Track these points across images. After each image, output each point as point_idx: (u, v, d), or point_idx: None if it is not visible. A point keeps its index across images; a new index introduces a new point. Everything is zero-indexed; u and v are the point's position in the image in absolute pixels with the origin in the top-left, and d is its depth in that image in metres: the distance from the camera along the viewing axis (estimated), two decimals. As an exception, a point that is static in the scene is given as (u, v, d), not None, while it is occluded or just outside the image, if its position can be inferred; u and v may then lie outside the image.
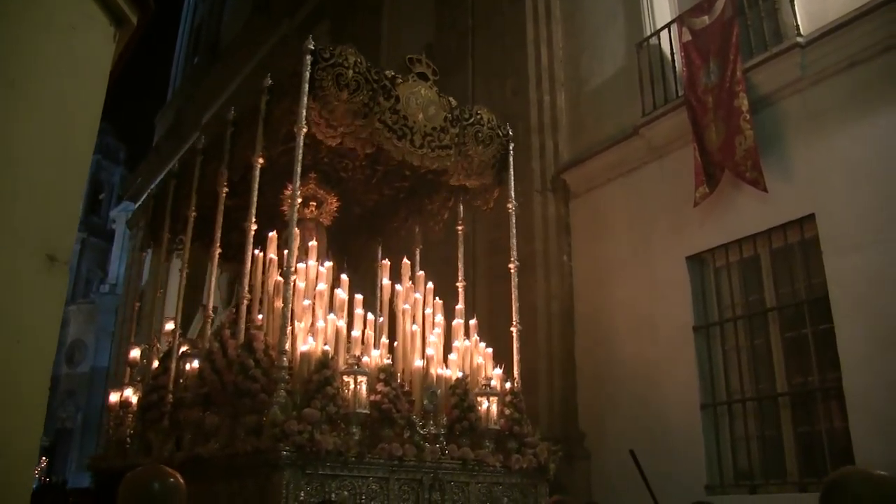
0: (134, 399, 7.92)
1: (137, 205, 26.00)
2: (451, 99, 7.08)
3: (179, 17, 28.19)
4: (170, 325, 8.13)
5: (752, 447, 7.21)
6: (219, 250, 7.15)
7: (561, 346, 8.92)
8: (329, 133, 6.52)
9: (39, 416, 2.08)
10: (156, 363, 7.68)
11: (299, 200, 6.21)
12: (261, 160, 6.49)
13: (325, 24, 15.89)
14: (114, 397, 8.39)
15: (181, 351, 7.22)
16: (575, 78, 9.97)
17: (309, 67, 6.12)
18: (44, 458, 34.50)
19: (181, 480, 2.26)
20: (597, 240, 9.04)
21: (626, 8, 9.41)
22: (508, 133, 7.53)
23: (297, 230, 6.07)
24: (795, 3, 7.20)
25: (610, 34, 9.56)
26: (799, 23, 7.12)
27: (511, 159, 7.52)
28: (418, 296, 7.18)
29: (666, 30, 8.57)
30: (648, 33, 8.89)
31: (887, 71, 6.45)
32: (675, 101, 8.22)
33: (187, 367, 6.85)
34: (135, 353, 8.57)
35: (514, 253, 7.44)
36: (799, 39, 7.02)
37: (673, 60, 8.45)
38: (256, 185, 6.46)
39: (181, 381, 6.91)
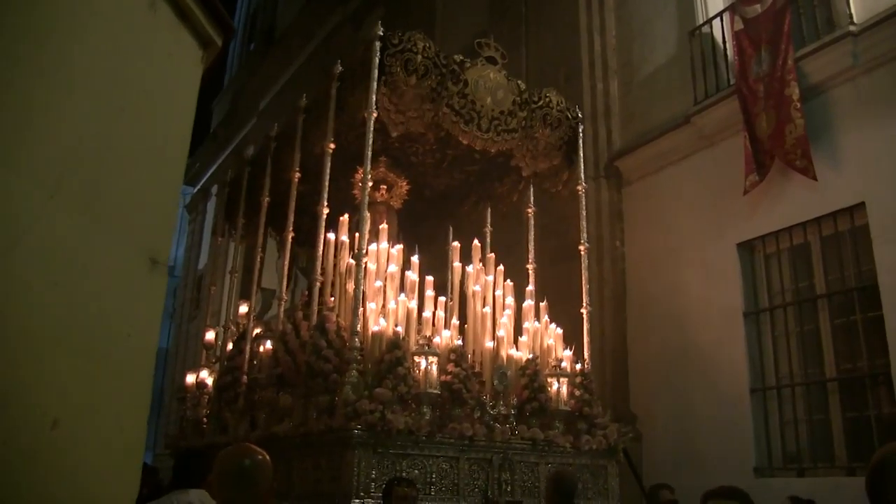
0: (209, 380, 8.22)
1: (196, 189, 26.57)
2: (519, 82, 7.16)
3: (235, 3, 28.60)
4: (244, 308, 8.44)
5: (801, 431, 7.33)
6: (291, 234, 7.38)
7: (613, 331, 9.09)
8: (397, 119, 6.63)
9: (146, 400, 2.35)
10: (230, 345, 7.98)
11: (370, 184, 6.37)
12: (332, 145, 6.66)
13: (378, 11, 16.13)
14: (190, 378, 8.73)
15: (255, 333, 7.47)
16: (627, 65, 10.07)
17: (378, 54, 6.24)
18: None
19: (268, 457, 2.55)
20: (649, 226, 9.17)
21: (678, -4, 9.48)
22: (578, 116, 7.62)
23: (367, 213, 6.22)
24: (849, -9, 7.24)
25: (662, 22, 9.64)
26: (852, 11, 7.16)
27: (581, 142, 7.62)
28: (489, 278, 7.28)
29: (718, 18, 8.65)
30: (700, 21, 8.96)
31: (939, 61, 6.49)
32: (726, 89, 8.30)
33: (261, 348, 7.08)
34: (210, 336, 8.91)
35: (584, 235, 7.58)
36: (851, 28, 7.06)
37: (725, 49, 8.53)
38: (328, 170, 6.63)
39: (255, 362, 7.14)
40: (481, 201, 8.82)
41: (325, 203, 6.64)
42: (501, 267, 7.53)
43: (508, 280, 7.49)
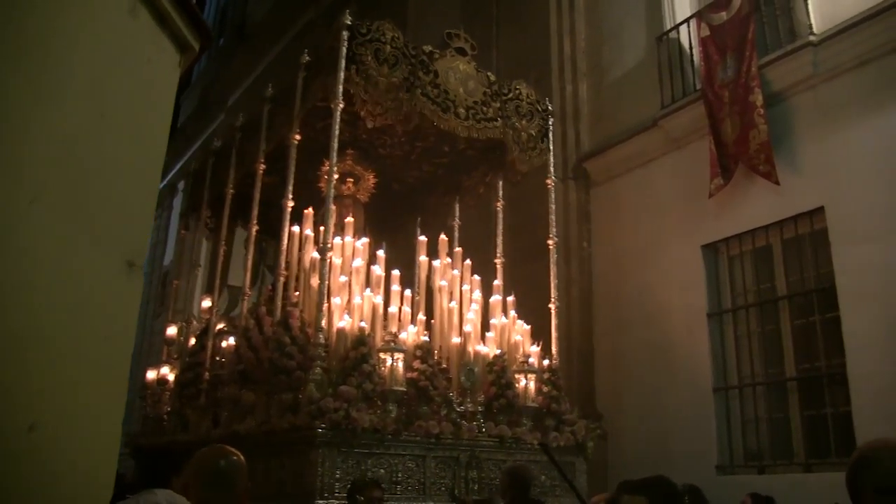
0: (171, 377, 8.07)
1: (163, 184, 26.36)
2: (489, 74, 7.09)
3: (206, -1, 28.37)
4: (207, 302, 8.27)
5: (762, 429, 7.52)
6: (255, 227, 7.25)
7: (580, 330, 9.23)
8: (375, 110, 6.42)
9: (122, 401, 2.38)
10: (192, 340, 7.84)
11: (336, 177, 6.24)
12: (297, 136, 6.56)
13: (351, 8, 16.15)
14: (151, 374, 8.52)
15: (218, 328, 7.37)
16: (597, 68, 10.21)
17: (345, 43, 6.10)
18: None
19: (242, 458, 2.62)
20: (616, 227, 9.31)
21: (647, 1, 9.62)
22: (548, 108, 7.57)
23: (333, 206, 6.11)
24: (809, 2, 7.43)
25: (631, 26, 9.78)
26: (812, 21, 7.35)
27: (551, 135, 7.58)
28: (456, 272, 7.20)
29: (685, 24, 8.81)
30: (668, 27, 9.11)
31: (895, 71, 6.69)
32: (692, 94, 8.46)
33: (223, 344, 6.98)
34: (172, 331, 8.69)
35: (552, 229, 7.58)
36: (812, 38, 7.25)
37: (692, 54, 8.69)
38: (293, 162, 6.51)
39: (217, 358, 7.03)
40: (448, 194, 8.73)
41: (291, 196, 6.54)
42: (469, 262, 7.46)
43: (476, 275, 7.43)
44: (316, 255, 6.33)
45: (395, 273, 6.78)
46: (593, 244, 9.61)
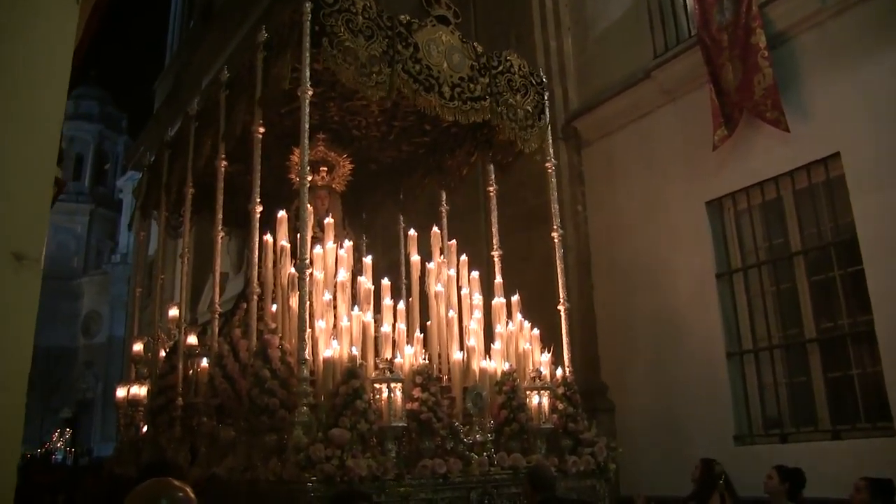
0: (142, 392, 7.41)
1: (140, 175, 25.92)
2: (476, 45, 6.31)
3: (172, -21, 27.73)
4: (174, 311, 7.46)
5: (781, 395, 7.06)
6: (221, 235, 6.50)
7: (579, 299, 8.70)
8: (363, 80, 5.45)
9: (20, 409, 2.03)
10: (162, 353, 7.17)
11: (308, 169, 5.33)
12: (261, 129, 5.77)
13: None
14: (121, 392, 7.86)
15: (188, 344, 6.68)
16: (581, 22, 9.66)
17: (309, 16, 5.26)
18: (68, 429, 34.90)
19: (191, 494, 2.08)
20: (612, 188, 8.82)
21: (632, -55, 9.05)
22: (542, 80, 6.77)
23: (309, 207, 5.26)
24: (813, -72, 6.87)
25: (616, -28, 9.21)
26: (817, -50, 6.80)
27: (547, 111, 6.74)
28: (451, 272, 6.34)
29: (675, -34, 8.26)
30: (656, -30, 8.55)
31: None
32: (687, 41, 7.97)
33: (195, 365, 6.30)
34: (137, 348, 7.93)
35: (556, 221, 6.70)
36: (818, -32, 6.71)
37: (684, -1, 8.14)
38: (258, 163, 5.73)
39: (190, 373, 6.35)
40: (430, 174, 7.85)
41: (258, 197, 5.74)
42: (465, 257, 6.59)
43: (475, 272, 6.56)
44: (294, 270, 5.45)
45: (385, 282, 5.91)
46: (588, 207, 9.10)
